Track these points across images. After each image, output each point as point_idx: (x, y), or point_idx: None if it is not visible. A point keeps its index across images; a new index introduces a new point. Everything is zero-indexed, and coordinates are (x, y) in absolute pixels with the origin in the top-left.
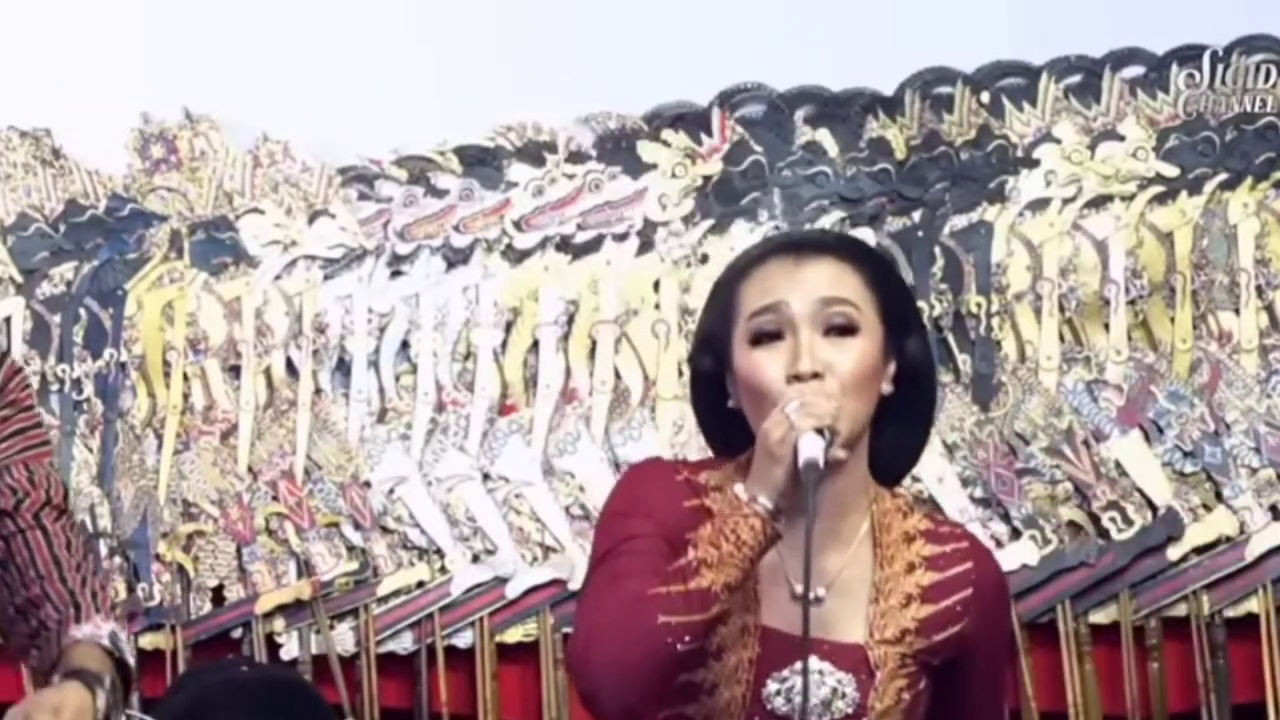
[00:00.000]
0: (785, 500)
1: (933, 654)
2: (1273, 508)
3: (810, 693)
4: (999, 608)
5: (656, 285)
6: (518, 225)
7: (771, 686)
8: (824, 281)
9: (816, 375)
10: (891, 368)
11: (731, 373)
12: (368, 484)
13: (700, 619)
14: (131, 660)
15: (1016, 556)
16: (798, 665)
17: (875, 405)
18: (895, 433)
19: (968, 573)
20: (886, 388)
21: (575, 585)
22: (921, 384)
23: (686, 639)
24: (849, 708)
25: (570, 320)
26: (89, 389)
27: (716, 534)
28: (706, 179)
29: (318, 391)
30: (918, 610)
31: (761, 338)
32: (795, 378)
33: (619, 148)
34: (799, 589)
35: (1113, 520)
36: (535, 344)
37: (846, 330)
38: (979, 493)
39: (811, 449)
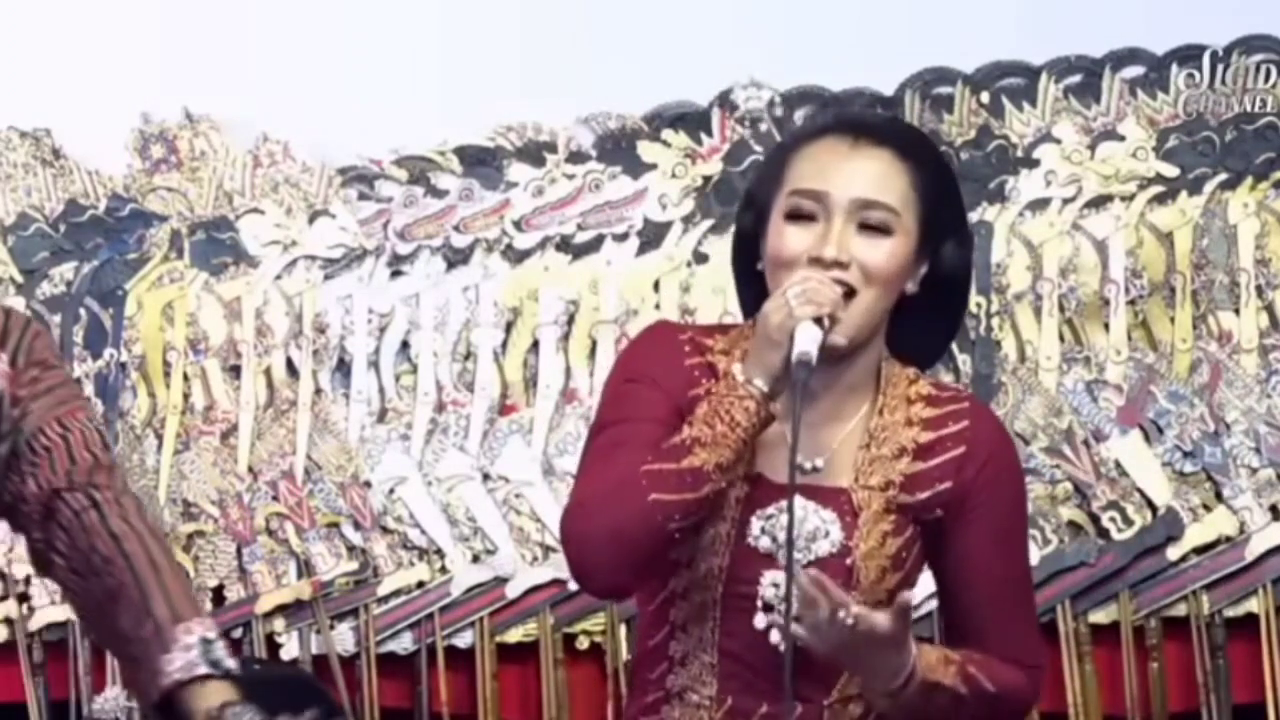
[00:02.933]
0: (781, 384)
1: (920, 509)
2: (1273, 508)
3: (793, 526)
4: (998, 466)
5: (656, 285)
6: (518, 225)
7: (756, 525)
8: (870, 180)
9: (839, 264)
10: (923, 270)
11: (765, 236)
12: (368, 484)
13: (692, 498)
14: (233, 663)
15: None
16: (782, 503)
17: (894, 302)
18: (918, 330)
19: (962, 431)
20: (911, 288)
21: (575, 585)
22: (953, 289)
23: (677, 517)
24: (832, 547)
25: (570, 320)
26: (89, 389)
27: (712, 414)
28: (706, 179)
29: (318, 391)
30: (908, 465)
31: (797, 215)
32: (817, 260)
33: (619, 148)
34: (799, 458)
35: (1113, 520)
36: (535, 344)
37: (880, 230)
38: None
39: (806, 341)
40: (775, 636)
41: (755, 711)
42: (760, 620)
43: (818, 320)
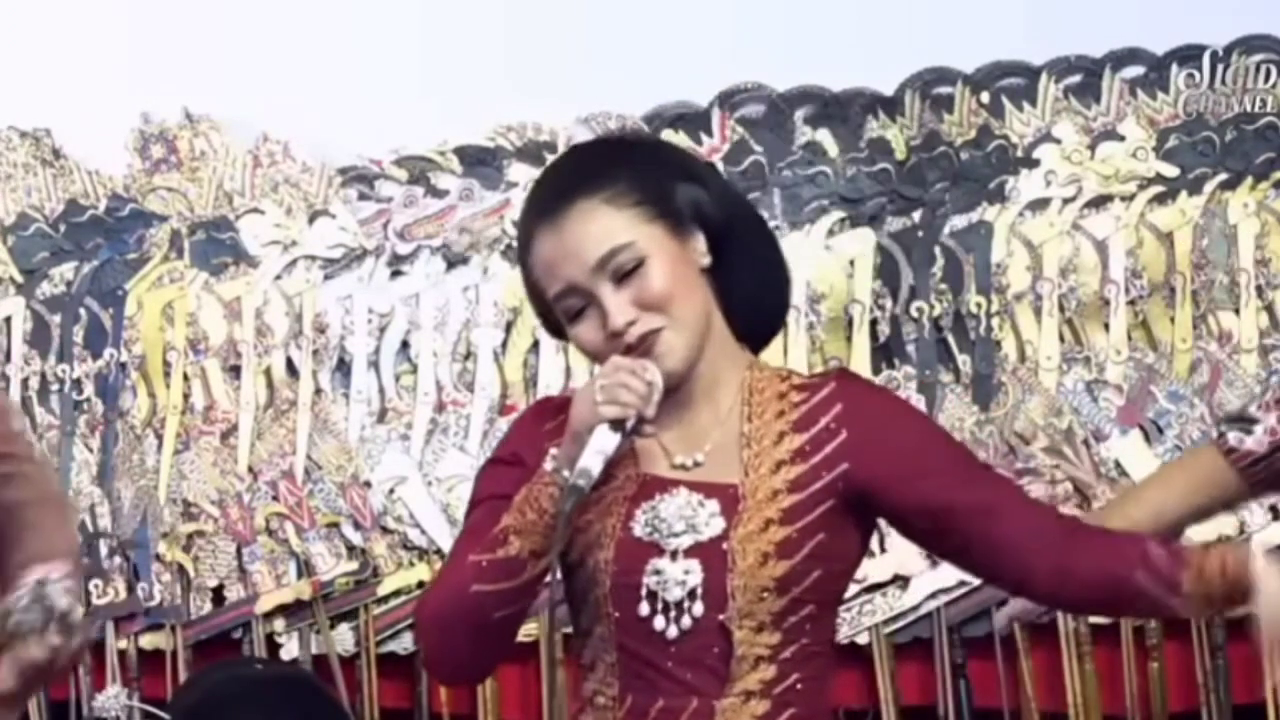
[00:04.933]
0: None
1: (816, 474)
2: (1273, 508)
3: (675, 511)
4: (882, 406)
5: None
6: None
7: (640, 516)
8: (586, 241)
9: (630, 324)
10: (696, 242)
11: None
12: (368, 484)
13: (509, 586)
14: (64, 602)
15: None
16: (666, 493)
17: (702, 298)
18: (746, 285)
19: (833, 393)
20: (705, 261)
21: None
22: (728, 222)
23: (500, 606)
24: (713, 533)
25: None
26: (89, 389)
27: (524, 501)
28: None
29: (318, 391)
30: (791, 441)
31: (573, 314)
32: (614, 337)
33: None
34: (678, 459)
35: None
36: (535, 344)
37: (634, 265)
38: None
39: (591, 454)
40: (660, 624)
41: (653, 706)
42: (644, 608)
43: (619, 423)
